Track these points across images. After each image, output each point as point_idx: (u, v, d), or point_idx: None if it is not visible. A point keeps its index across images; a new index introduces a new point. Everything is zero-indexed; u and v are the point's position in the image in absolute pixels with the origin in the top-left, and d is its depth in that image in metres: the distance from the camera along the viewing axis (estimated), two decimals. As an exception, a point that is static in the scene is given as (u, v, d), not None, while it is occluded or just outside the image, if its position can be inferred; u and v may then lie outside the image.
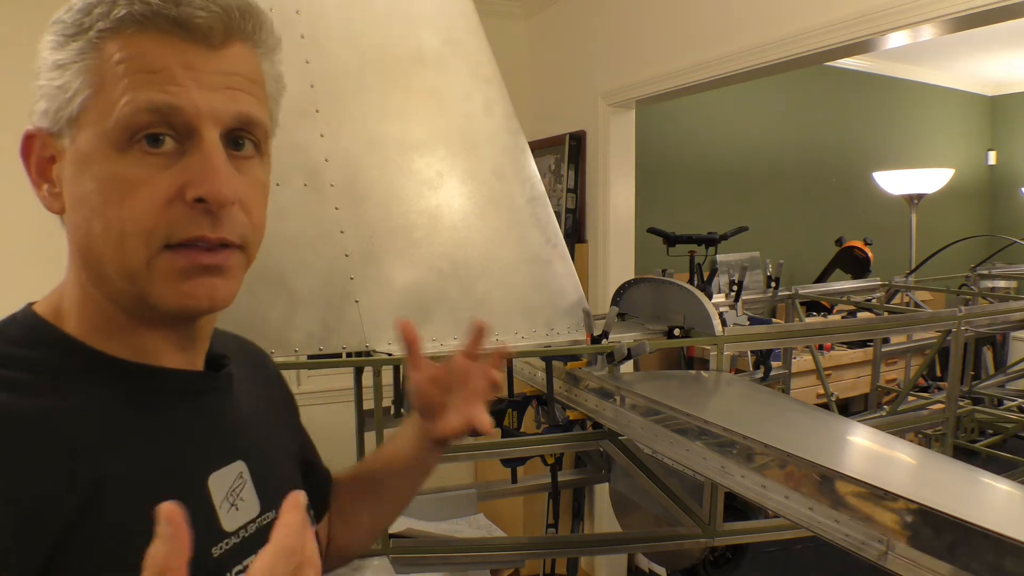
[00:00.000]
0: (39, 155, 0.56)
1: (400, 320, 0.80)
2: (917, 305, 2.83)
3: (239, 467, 0.62)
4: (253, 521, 0.61)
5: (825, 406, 2.41)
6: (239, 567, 0.58)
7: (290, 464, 0.76)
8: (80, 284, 0.57)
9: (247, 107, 0.55)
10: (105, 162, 0.52)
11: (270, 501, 0.63)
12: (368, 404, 1.49)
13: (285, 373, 0.87)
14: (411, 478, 0.87)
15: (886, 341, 2.80)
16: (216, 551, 0.57)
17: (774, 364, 2.27)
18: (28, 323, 0.57)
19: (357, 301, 1.31)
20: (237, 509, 0.60)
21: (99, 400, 0.54)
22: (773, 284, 2.48)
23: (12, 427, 0.49)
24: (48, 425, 0.50)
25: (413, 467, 0.85)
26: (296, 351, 1.26)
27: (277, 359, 1.26)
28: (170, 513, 0.39)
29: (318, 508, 0.82)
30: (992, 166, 5.70)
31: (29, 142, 0.56)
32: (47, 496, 0.48)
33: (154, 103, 0.51)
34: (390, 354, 1.31)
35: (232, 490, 0.60)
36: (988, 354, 4.43)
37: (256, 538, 0.61)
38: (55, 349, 0.55)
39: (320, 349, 1.28)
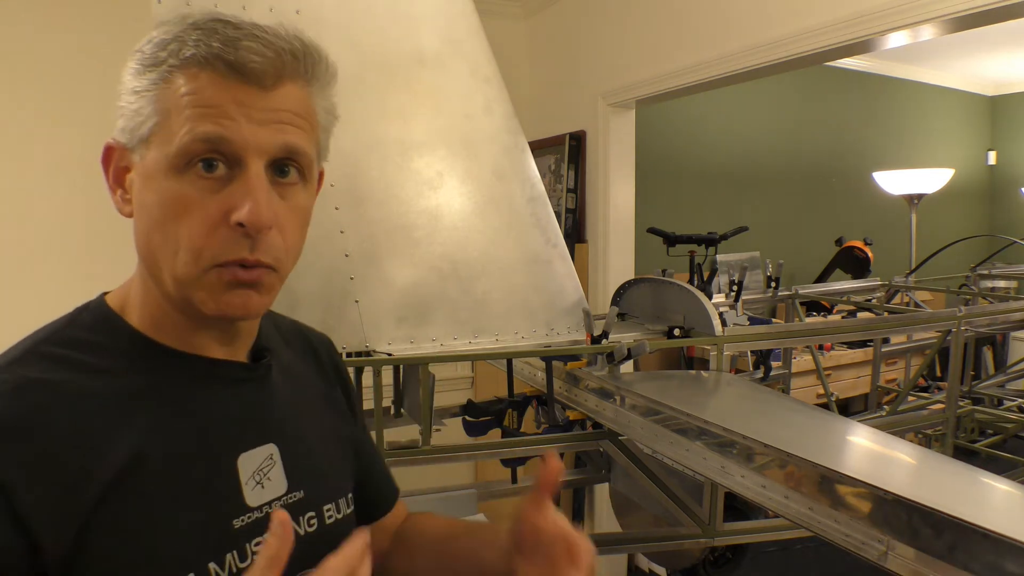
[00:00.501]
0: (116, 164, 0.65)
1: (551, 459, 0.74)
2: (917, 305, 2.83)
3: (269, 449, 0.68)
4: (279, 499, 0.68)
5: (825, 406, 2.41)
6: (258, 539, 0.64)
7: (334, 448, 0.79)
8: (143, 281, 0.65)
9: (293, 138, 0.62)
10: (166, 181, 0.60)
11: (299, 482, 0.70)
12: (368, 404, 1.49)
13: None
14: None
15: (886, 341, 2.80)
16: (237, 523, 0.64)
17: (774, 364, 2.27)
18: (99, 312, 0.66)
19: (357, 301, 1.31)
20: (263, 487, 0.66)
21: (149, 383, 0.63)
22: (773, 284, 2.48)
23: (69, 401, 0.57)
24: (100, 402, 0.59)
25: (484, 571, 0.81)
26: (296, 351, 1.26)
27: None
28: (282, 517, 0.50)
29: (365, 515, 0.82)
30: (992, 166, 5.70)
31: (109, 153, 0.65)
32: (88, 464, 0.56)
33: (208, 135, 0.59)
34: (390, 354, 1.31)
35: (259, 469, 0.66)
36: (988, 354, 4.43)
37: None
38: (117, 337, 0.64)
39: (320, 349, 1.27)
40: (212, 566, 0.60)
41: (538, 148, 3.35)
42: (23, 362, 0.59)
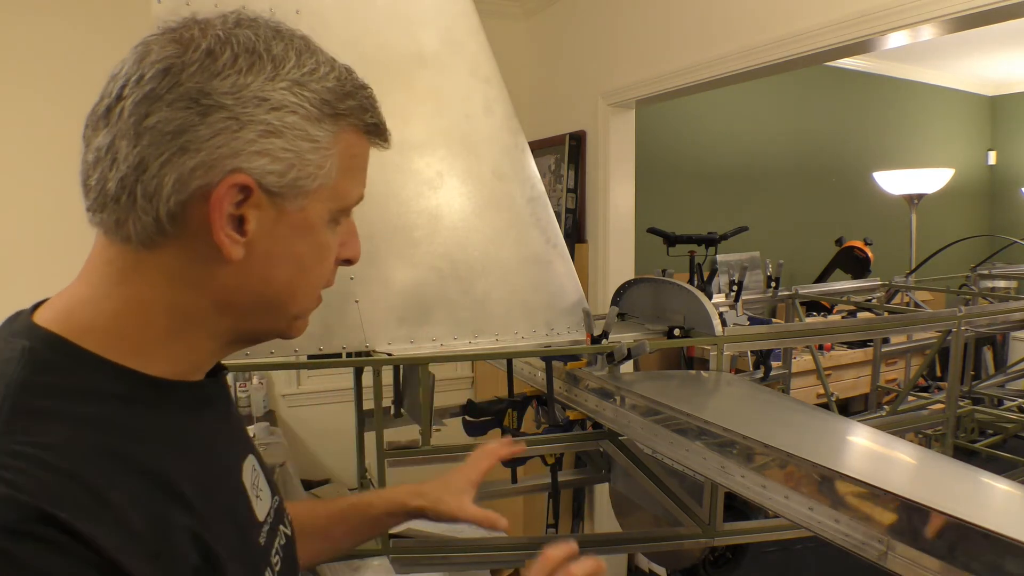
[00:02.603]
0: (234, 202, 0.55)
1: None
2: (917, 305, 2.83)
3: (252, 461, 0.69)
4: (271, 507, 0.69)
5: (825, 406, 2.41)
6: (274, 550, 0.66)
7: None
8: (158, 311, 0.57)
9: None
10: (324, 233, 0.62)
11: (273, 488, 0.72)
12: (368, 404, 1.49)
13: (284, 373, 0.89)
14: (369, 529, 0.98)
15: (886, 341, 2.80)
16: (261, 539, 0.65)
17: (774, 364, 2.27)
18: (57, 347, 0.55)
19: (357, 301, 1.31)
20: (260, 499, 0.67)
21: (152, 420, 0.56)
22: (773, 284, 2.47)
23: (95, 467, 0.49)
24: (120, 460, 0.51)
25: (378, 522, 0.97)
26: (296, 351, 1.26)
27: (277, 359, 1.27)
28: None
29: None
30: (992, 166, 5.70)
31: (236, 189, 0.55)
32: (154, 530, 0.50)
33: (361, 197, 0.66)
34: (390, 354, 1.31)
35: (253, 483, 0.67)
36: (988, 354, 4.43)
37: (275, 522, 0.69)
38: (96, 375, 0.55)
39: (320, 349, 1.28)
40: None
41: (538, 148, 3.35)
42: (19, 425, 0.49)
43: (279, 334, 0.66)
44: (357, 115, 0.61)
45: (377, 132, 0.64)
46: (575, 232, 3.27)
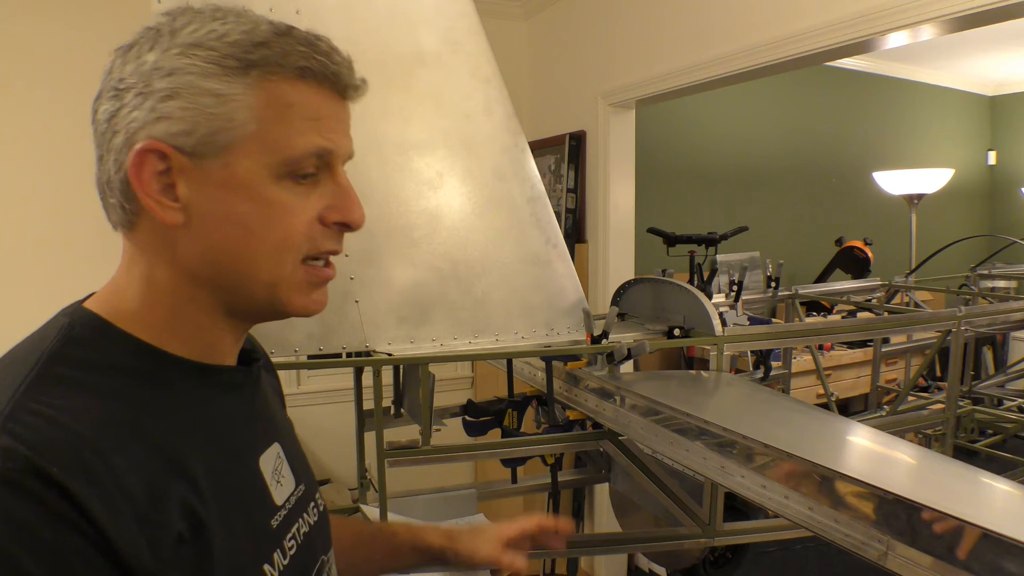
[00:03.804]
0: (156, 168, 0.59)
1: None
2: (917, 305, 2.83)
3: (276, 448, 0.71)
4: (293, 494, 0.71)
5: (825, 406, 2.41)
6: (289, 535, 0.68)
7: (298, 441, 0.82)
8: (155, 290, 0.62)
9: (352, 146, 0.67)
10: (263, 189, 0.60)
11: (300, 476, 0.74)
12: (368, 404, 1.49)
13: (284, 373, 0.89)
14: (390, 560, 0.97)
15: (886, 341, 2.80)
16: (274, 522, 0.66)
17: (774, 364, 2.27)
18: (94, 324, 0.61)
19: (357, 301, 1.31)
20: (281, 485, 0.70)
21: (167, 401, 0.60)
22: (773, 284, 2.48)
23: (101, 430, 0.53)
24: (130, 428, 0.55)
25: (398, 553, 0.96)
26: (296, 351, 1.26)
27: (276, 359, 1.27)
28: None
29: None
30: (992, 166, 5.70)
31: (152, 156, 0.58)
32: (152, 496, 0.53)
33: (319, 148, 0.61)
34: (390, 354, 1.31)
35: (275, 469, 0.70)
36: (988, 354, 4.43)
37: (296, 509, 0.71)
38: (123, 352, 0.60)
39: (320, 349, 1.28)
40: (267, 567, 0.63)
41: (538, 148, 3.35)
42: (41, 389, 0.53)
43: (269, 308, 0.64)
44: (277, 62, 0.59)
45: (317, 75, 0.60)
46: (575, 232, 3.27)
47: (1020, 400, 2.60)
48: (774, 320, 2.78)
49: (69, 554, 0.47)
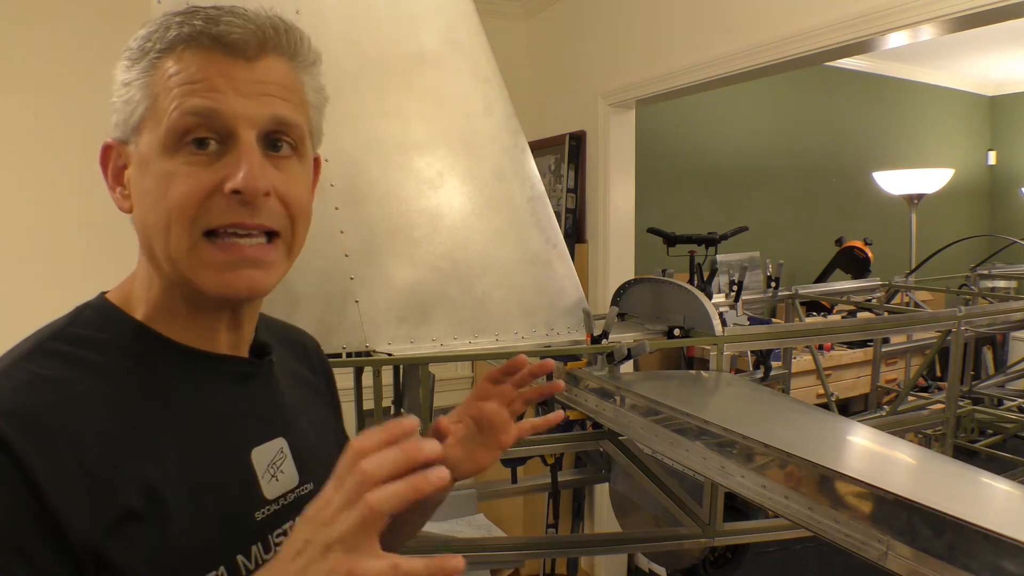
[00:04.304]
0: (115, 163, 0.65)
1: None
2: (917, 305, 2.83)
3: (280, 443, 0.70)
4: (292, 491, 0.70)
5: (825, 406, 2.41)
6: (279, 530, 0.67)
7: (329, 442, 0.81)
8: (147, 274, 0.65)
9: (281, 110, 0.62)
10: (159, 162, 0.60)
11: (309, 474, 0.72)
12: (368, 404, 1.49)
13: None
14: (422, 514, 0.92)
15: (886, 341, 2.80)
16: (258, 515, 0.65)
17: (774, 364, 2.27)
18: (102, 308, 0.65)
19: (357, 301, 1.31)
20: (277, 480, 0.69)
21: (158, 381, 0.62)
22: (773, 284, 2.48)
23: (80, 402, 0.56)
24: (111, 403, 0.58)
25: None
26: (296, 351, 1.26)
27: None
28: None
29: None
30: (992, 166, 5.70)
31: (107, 152, 0.65)
32: (109, 466, 0.55)
33: (197, 108, 0.59)
34: (390, 354, 1.31)
35: (273, 463, 0.69)
36: (988, 354, 4.43)
37: (294, 506, 0.70)
38: (122, 333, 0.63)
39: (320, 349, 1.27)
40: (240, 558, 0.62)
41: (538, 148, 3.35)
42: (31, 358, 0.58)
43: (188, 287, 0.62)
44: (159, 41, 0.60)
45: (196, 40, 0.60)
46: (575, 232, 3.27)
47: (1020, 400, 2.60)
48: (774, 320, 2.78)
49: None
